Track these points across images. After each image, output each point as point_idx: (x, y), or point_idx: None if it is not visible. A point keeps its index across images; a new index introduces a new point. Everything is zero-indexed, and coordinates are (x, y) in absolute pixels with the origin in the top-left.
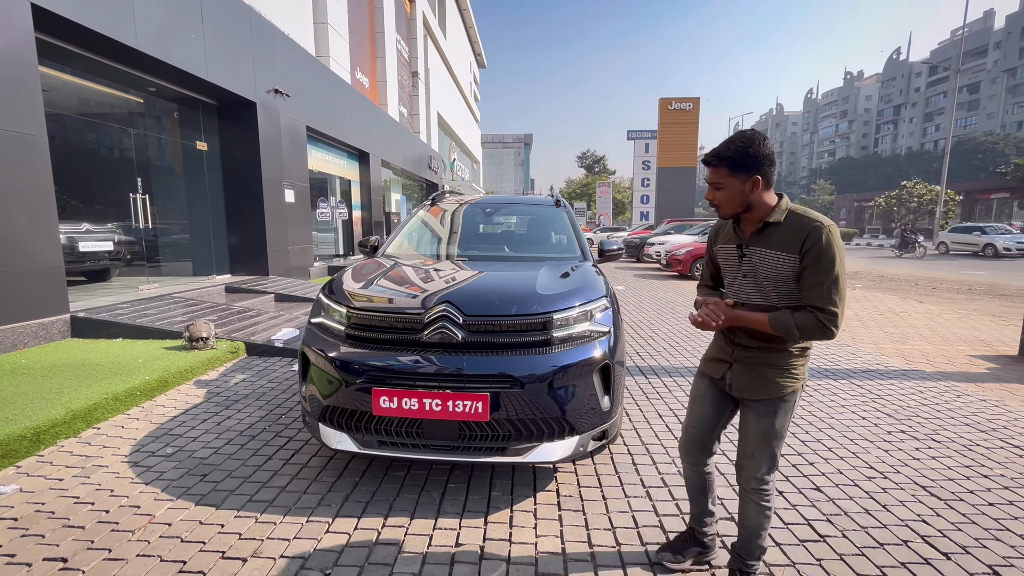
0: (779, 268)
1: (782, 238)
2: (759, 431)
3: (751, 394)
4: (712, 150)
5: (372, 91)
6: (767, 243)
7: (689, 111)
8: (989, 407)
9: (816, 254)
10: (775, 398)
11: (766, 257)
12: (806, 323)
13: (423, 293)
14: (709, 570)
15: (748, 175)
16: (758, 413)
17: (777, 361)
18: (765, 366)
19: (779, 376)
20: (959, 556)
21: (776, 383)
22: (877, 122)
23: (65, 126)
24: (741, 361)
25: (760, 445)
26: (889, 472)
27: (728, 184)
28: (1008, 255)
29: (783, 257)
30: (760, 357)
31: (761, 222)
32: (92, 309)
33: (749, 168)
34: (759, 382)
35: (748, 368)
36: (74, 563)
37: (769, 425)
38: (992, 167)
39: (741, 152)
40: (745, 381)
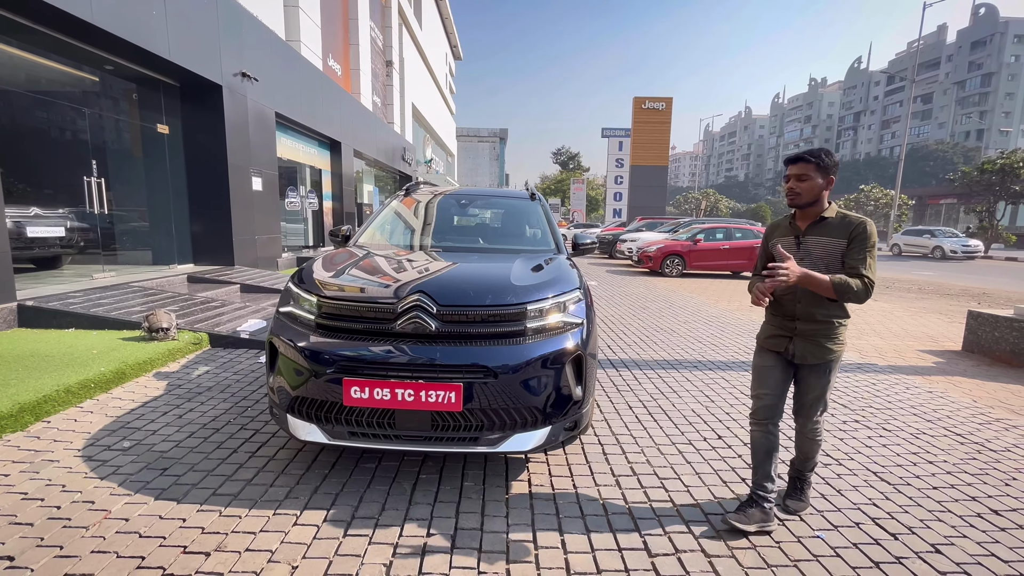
0: (832, 250)
1: (834, 229)
2: (819, 386)
3: (812, 359)
4: (804, 151)
5: (345, 79)
6: (823, 232)
7: (662, 110)
8: (935, 398)
9: (862, 238)
10: (829, 360)
11: (823, 243)
12: (857, 285)
13: (396, 283)
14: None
15: (827, 176)
16: (818, 373)
17: (828, 332)
18: (820, 336)
19: (832, 343)
20: (906, 536)
21: (829, 348)
22: (838, 128)
23: (11, 103)
24: (801, 334)
25: (819, 396)
26: (843, 459)
27: (813, 178)
28: (954, 257)
29: (836, 242)
30: (818, 329)
31: (817, 216)
32: (41, 298)
33: (830, 170)
34: (817, 350)
35: (807, 340)
36: (22, 561)
37: (826, 381)
38: (942, 174)
39: (827, 157)
40: (807, 350)
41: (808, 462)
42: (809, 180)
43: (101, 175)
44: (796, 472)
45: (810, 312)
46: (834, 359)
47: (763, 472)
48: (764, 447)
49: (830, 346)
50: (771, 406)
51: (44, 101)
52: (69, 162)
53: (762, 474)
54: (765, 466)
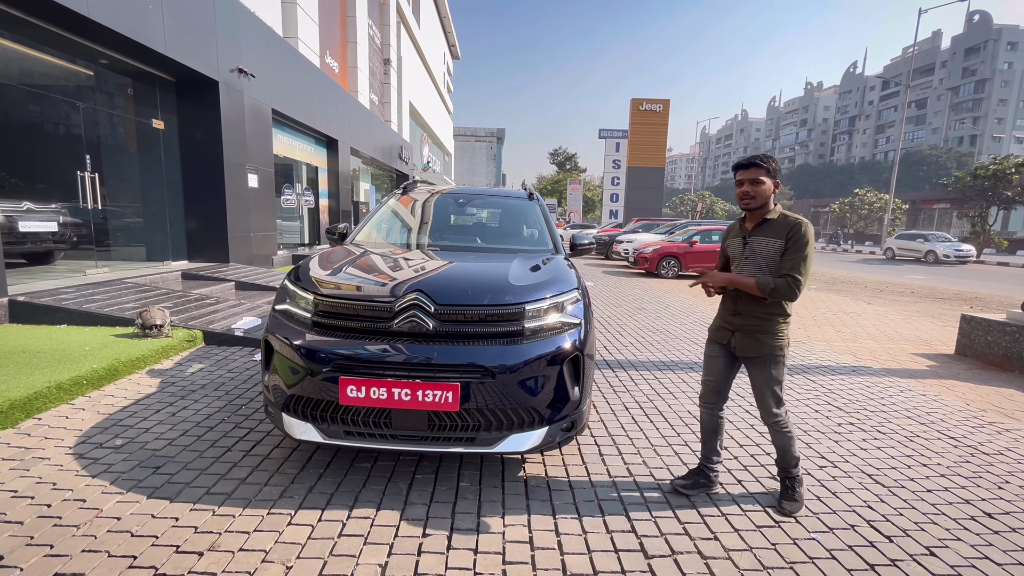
0: (771, 249)
1: (775, 229)
2: (762, 379)
3: (751, 352)
4: (753, 156)
5: (342, 77)
6: (765, 232)
7: (659, 112)
8: (928, 401)
9: (796, 239)
10: (768, 354)
11: (763, 242)
12: (781, 283)
13: (393, 281)
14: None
15: (775, 179)
16: (758, 367)
17: (767, 327)
18: (759, 332)
19: (769, 339)
20: (900, 539)
21: (767, 343)
22: (834, 132)
23: (4, 96)
24: (742, 329)
25: (765, 390)
26: (839, 461)
27: (767, 181)
28: (947, 261)
29: (775, 242)
30: (756, 324)
31: (761, 219)
32: (33, 293)
33: (776, 175)
34: (755, 344)
35: (747, 334)
36: (11, 560)
37: (769, 375)
38: (935, 179)
39: (774, 162)
40: (745, 344)
41: (787, 457)
42: (762, 184)
43: (95, 170)
44: (782, 472)
45: (749, 308)
46: (774, 354)
47: (709, 447)
48: (710, 426)
49: (768, 340)
50: (714, 391)
51: (37, 95)
52: (63, 157)
53: (708, 448)
54: (711, 442)
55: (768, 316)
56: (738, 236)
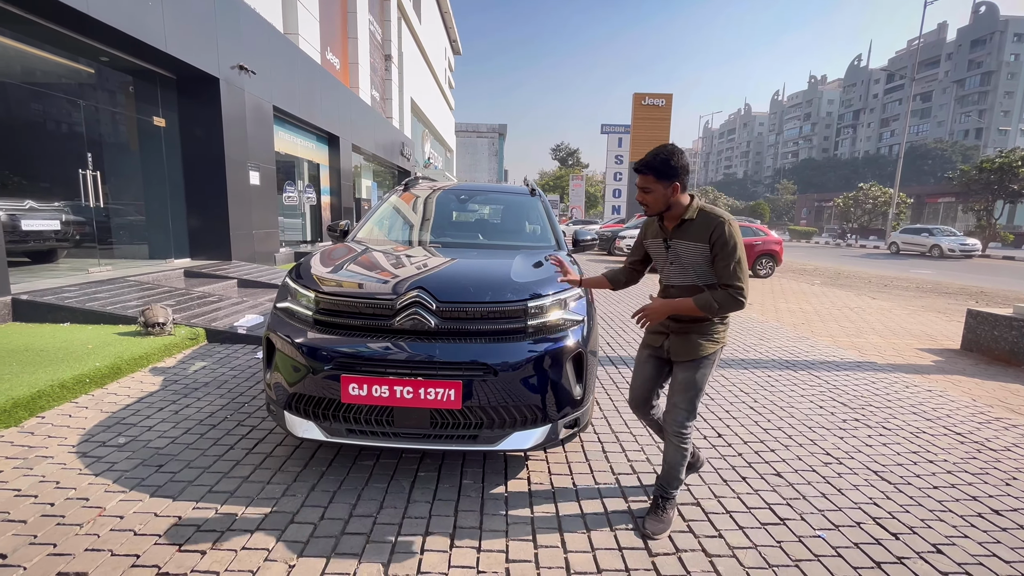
0: (696, 255)
1: (695, 231)
2: (683, 382)
3: (684, 356)
4: (641, 160)
5: (343, 73)
6: (685, 235)
7: (662, 107)
8: (934, 397)
9: (721, 243)
10: (700, 357)
11: (686, 247)
12: (722, 299)
13: (395, 279)
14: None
15: (670, 182)
16: (684, 368)
17: (703, 329)
18: (694, 334)
19: (705, 340)
20: (907, 536)
21: (702, 345)
22: (838, 125)
23: (5, 95)
24: (676, 332)
25: (682, 394)
26: (844, 458)
27: (655, 188)
28: (952, 256)
29: (698, 246)
30: (692, 326)
31: (679, 219)
32: (36, 292)
33: (671, 176)
34: (690, 347)
35: (681, 336)
36: (14, 559)
37: (691, 378)
38: (940, 172)
39: (664, 163)
40: (679, 347)
41: (672, 476)
42: (652, 192)
43: (97, 168)
44: (660, 489)
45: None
46: (707, 357)
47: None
48: (653, 426)
49: (703, 342)
50: (641, 398)
51: (38, 93)
52: (64, 155)
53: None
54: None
55: (705, 319)
56: (659, 237)
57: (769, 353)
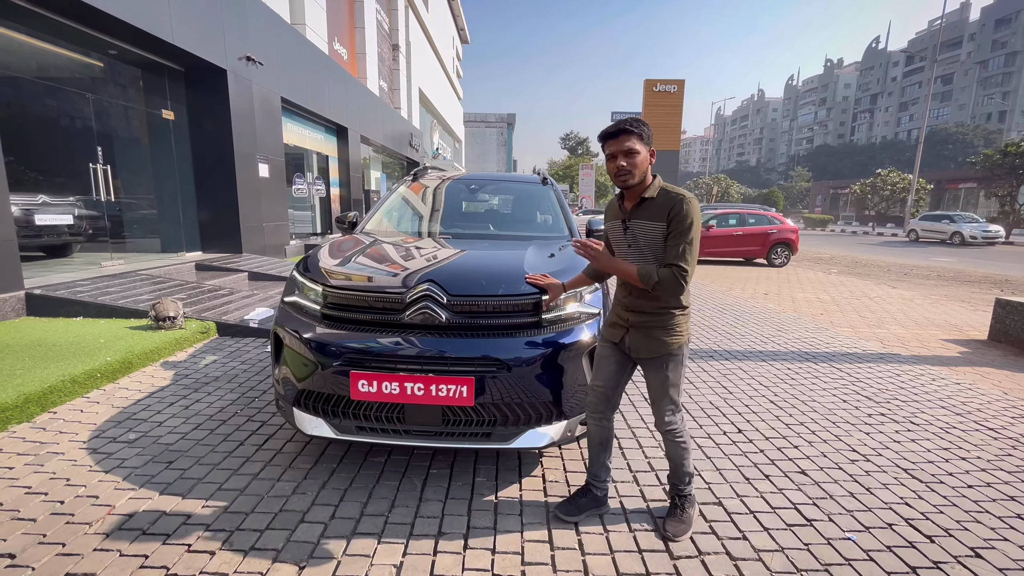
0: (654, 235)
1: (655, 210)
2: (657, 383)
3: (646, 353)
4: (621, 122)
5: (351, 63)
6: (645, 215)
7: (674, 93)
8: (963, 390)
9: (678, 220)
10: (665, 355)
11: (645, 227)
12: (665, 276)
13: (404, 271)
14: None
15: (650, 148)
16: (654, 368)
17: (664, 323)
18: (655, 328)
19: (666, 335)
20: (942, 539)
21: (664, 342)
22: (854, 110)
23: (14, 89)
24: (635, 326)
25: (661, 394)
26: (871, 455)
27: (641, 150)
28: (974, 243)
29: (657, 226)
30: (654, 320)
31: (639, 198)
32: (49, 286)
33: (648, 142)
34: (651, 343)
35: (641, 331)
36: (23, 559)
37: (665, 378)
38: (962, 157)
39: (646, 127)
40: (640, 343)
41: (680, 471)
42: (637, 154)
43: (107, 162)
44: (673, 489)
45: (639, 302)
46: (671, 353)
47: (598, 463)
48: (598, 438)
49: (665, 339)
50: (603, 398)
51: (47, 87)
52: (74, 149)
53: (597, 464)
54: (601, 457)
55: (663, 311)
56: (617, 218)
57: (788, 345)
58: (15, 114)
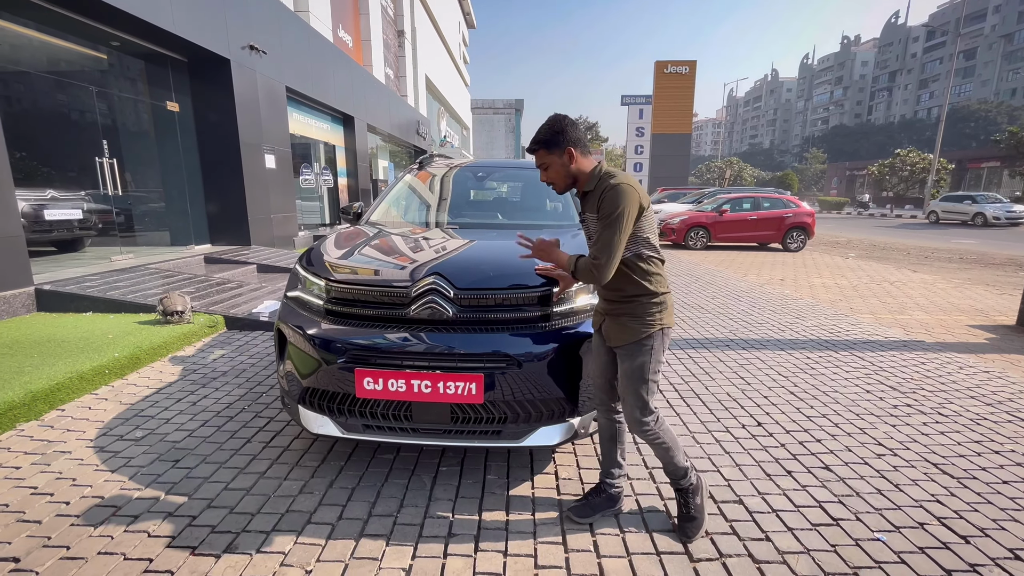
0: (596, 228)
1: (592, 201)
2: (626, 373)
3: (618, 341)
4: (532, 138)
5: (356, 51)
6: (587, 207)
7: (686, 75)
8: (992, 379)
9: (602, 208)
10: (633, 342)
11: (590, 220)
12: (580, 266)
13: (410, 264)
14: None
15: (562, 149)
16: (623, 358)
17: (635, 311)
18: (625, 316)
19: (636, 323)
20: (978, 539)
21: (634, 329)
22: (872, 89)
23: (18, 84)
24: (609, 314)
25: (629, 387)
26: (899, 449)
27: (550, 162)
28: (998, 224)
29: (594, 217)
30: (622, 308)
31: (582, 192)
32: (59, 281)
33: (560, 144)
34: (622, 331)
35: (614, 319)
36: (27, 563)
37: (632, 368)
38: (984, 135)
39: (549, 133)
40: (613, 331)
41: (671, 468)
42: (550, 166)
43: (113, 155)
44: (673, 484)
45: (606, 291)
46: (640, 341)
47: (610, 459)
48: (608, 432)
49: (633, 325)
50: (603, 388)
51: (50, 81)
52: (80, 143)
53: (609, 460)
54: (612, 452)
55: (629, 298)
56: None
57: (806, 333)
58: (18, 109)
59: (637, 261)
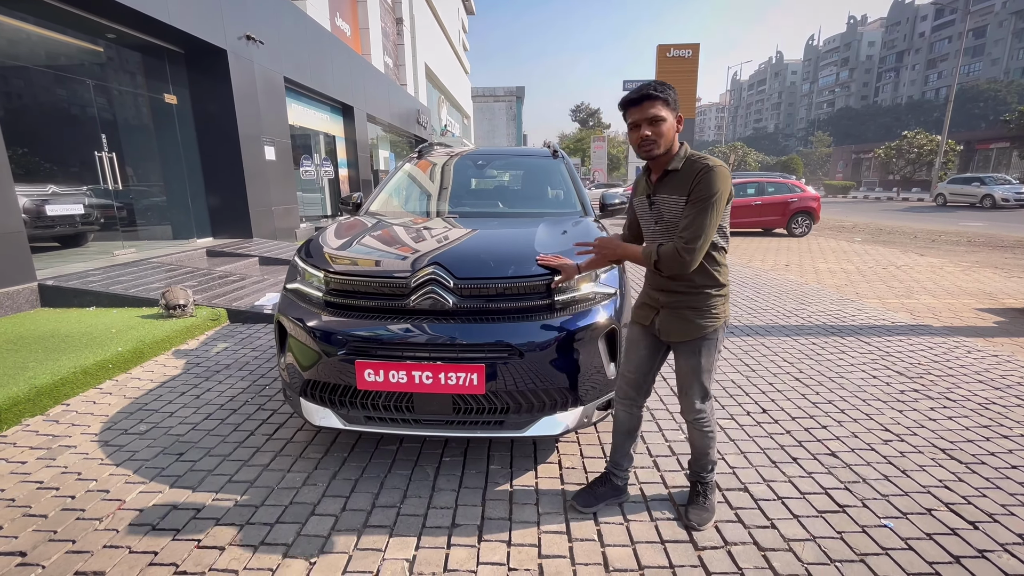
0: (679, 210)
1: (680, 183)
2: (690, 370)
3: (678, 337)
4: (644, 87)
5: (354, 39)
6: (668, 189)
7: (688, 58)
8: (1001, 363)
9: (697, 191)
10: (698, 338)
11: (669, 202)
12: (665, 253)
13: (409, 254)
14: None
15: (676, 112)
16: (685, 353)
17: (697, 303)
18: (687, 309)
19: (700, 318)
20: (987, 525)
21: (698, 324)
22: (879, 70)
23: (15, 78)
24: (667, 307)
25: (692, 381)
26: (906, 434)
27: (666, 116)
28: (1006, 206)
29: (680, 200)
30: (685, 300)
31: (664, 170)
32: (62, 277)
33: (676, 106)
34: (683, 325)
35: (673, 313)
36: (33, 557)
37: (698, 364)
38: (993, 116)
39: (671, 90)
40: (671, 325)
41: (703, 460)
42: (665, 122)
43: (112, 150)
44: (694, 475)
45: (668, 282)
46: (705, 336)
47: (622, 451)
48: (626, 426)
49: (699, 321)
50: (634, 385)
51: (46, 75)
52: (78, 137)
53: (620, 453)
54: (626, 445)
55: (695, 290)
56: (643, 194)
57: (812, 318)
58: (15, 104)
59: (712, 250)
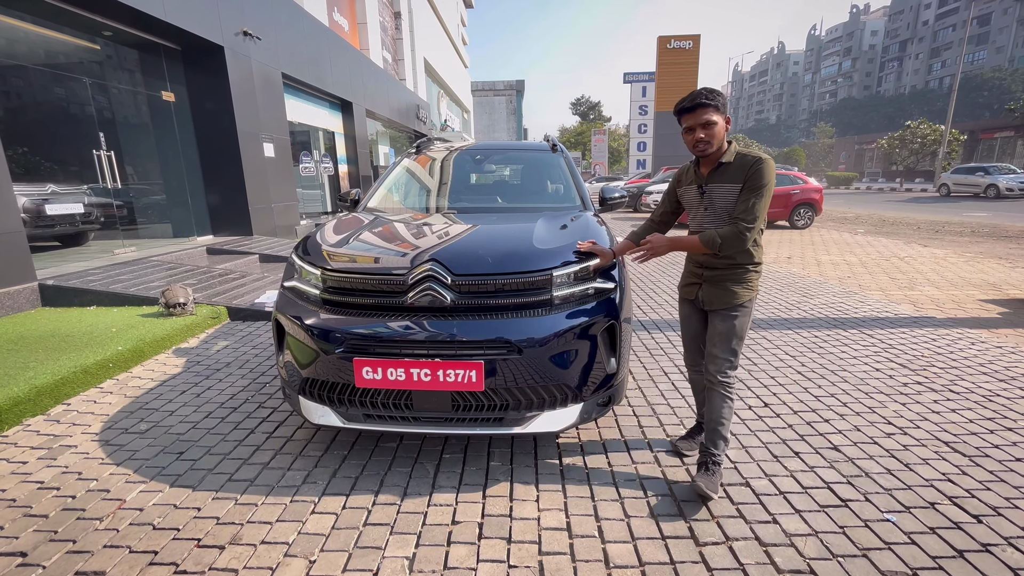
0: (731, 198)
1: (732, 174)
2: (723, 332)
3: (718, 305)
4: (696, 95)
5: (352, 34)
6: (721, 179)
7: (689, 50)
8: (1006, 354)
9: (752, 180)
10: (736, 305)
11: (722, 191)
12: (727, 234)
13: (406, 251)
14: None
15: (726, 116)
16: (723, 318)
17: (738, 277)
18: (728, 281)
19: (738, 287)
20: (991, 518)
21: (736, 292)
22: (882, 59)
23: (15, 78)
24: (709, 280)
25: (724, 344)
26: (909, 428)
27: (717, 120)
28: (1011, 195)
29: (734, 188)
30: (726, 274)
31: (716, 163)
32: (62, 276)
33: (725, 110)
34: (723, 294)
35: (714, 285)
36: (34, 558)
37: (731, 327)
38: (998, 105)
39: (720, 96)
40: (713, 295)
41: (719, 430)
42: (716, 125)
43: (111, 148)
44: (706, 452)
45: (711, 259)
46: (743, 304)
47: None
48: (700, 385)
49: (737, 290)
50: (696, 352)
51: (44, 73)
52: (77, 136)
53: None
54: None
55: (735, 266)
56: (693, 184)
57: (814, 311)
58: (13, 104)
59: None
